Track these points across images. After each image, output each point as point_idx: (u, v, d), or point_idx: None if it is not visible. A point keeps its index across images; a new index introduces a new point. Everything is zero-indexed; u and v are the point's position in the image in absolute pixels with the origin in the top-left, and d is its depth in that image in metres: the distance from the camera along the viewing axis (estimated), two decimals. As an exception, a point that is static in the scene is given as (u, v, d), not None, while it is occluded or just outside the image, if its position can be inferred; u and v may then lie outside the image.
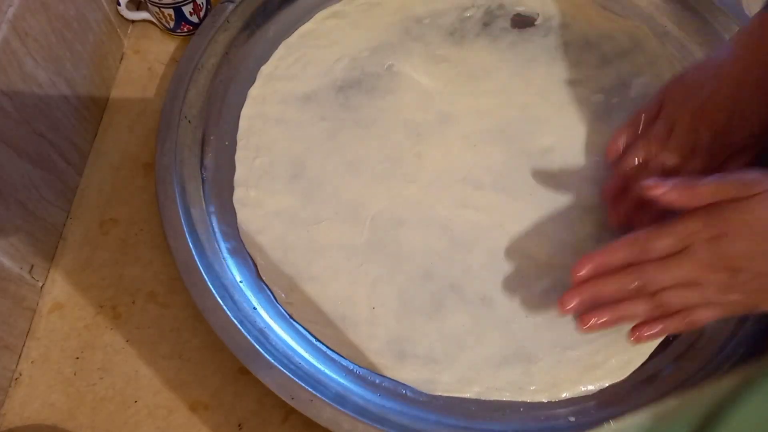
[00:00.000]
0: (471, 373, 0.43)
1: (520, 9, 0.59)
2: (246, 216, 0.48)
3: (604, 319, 0.40)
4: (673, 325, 0.40)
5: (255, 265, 0.46)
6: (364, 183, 0.49)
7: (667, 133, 0.45)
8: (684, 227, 0.38)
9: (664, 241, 0.38)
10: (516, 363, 0.43)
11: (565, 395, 0.42)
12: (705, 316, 0.39)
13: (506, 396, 0.42)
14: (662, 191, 0.38)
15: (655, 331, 0.40)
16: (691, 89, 0.45)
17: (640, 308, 0.39)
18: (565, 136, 0.52)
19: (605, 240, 0.47)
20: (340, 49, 0.56)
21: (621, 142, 0.48)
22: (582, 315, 0.40)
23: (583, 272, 0.40)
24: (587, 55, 0.56)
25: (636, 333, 0.40)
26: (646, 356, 0.43)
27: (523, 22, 0.59)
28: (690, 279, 0.38)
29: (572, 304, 0.40)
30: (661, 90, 0.47)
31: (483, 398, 0.42)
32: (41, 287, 0.46)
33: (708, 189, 0.37)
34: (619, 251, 0.40)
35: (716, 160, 0.44)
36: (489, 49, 0.57)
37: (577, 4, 0.59)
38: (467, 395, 0.42)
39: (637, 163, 0.46)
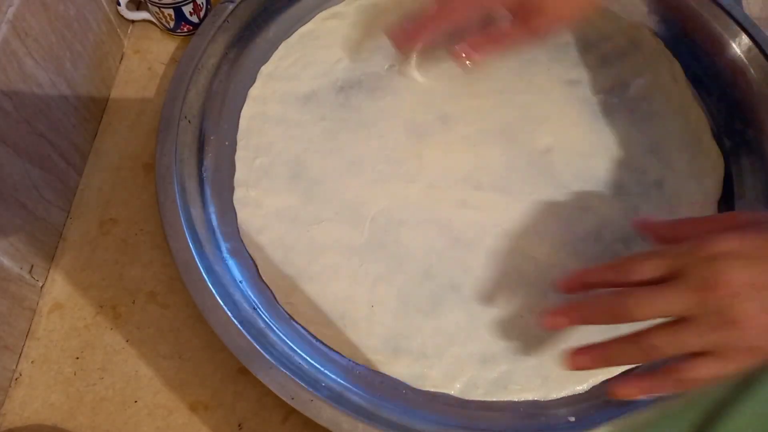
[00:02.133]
0: (455, 369, 0.43)
1: (520, 9, 0.59)
2: (246, 216, 0.48)
3: (591, 361, 0.35)
4: (662, 384, 0.33)
5: (255, 265, 0.46)
6: (365, 183, 0.49)
7: None
8: (676, 249, 0.33)
9: (650, 262, 0.33)
10: (502, 361, 0.43)
11: (553, 395, 0.42)
12: (704, 371, 0.31)
13: (488, 396, 0.42)
14: None
15: (637, 389, 0.34)
16: None
17: (627, 352, 0.33)
18: (565, 136, 0.52)
19: (605, 239, 0.47)
20: (341, 50, 0.56)
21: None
22: (571, 355, 0.36)
23: (563, 285, 0.38)
24: (587, 56, 0.56)
25: (613, 388, 0.35)
26: None
27: (523, 22, 0.59)
28: (681, 311, 0.31)
29: (549, 323, 0.37)
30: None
31: (466, 397, 0.42)
32: (41, 287, 0.46)
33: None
34: (600, 272, 0.36)
35: None
36: (489, 50, 0.57)
37: (577, 5, 0.59)
38: (451, 392, 0.42)
39: None
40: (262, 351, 0.40)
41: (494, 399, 0.42)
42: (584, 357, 0.35)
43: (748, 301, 0.29)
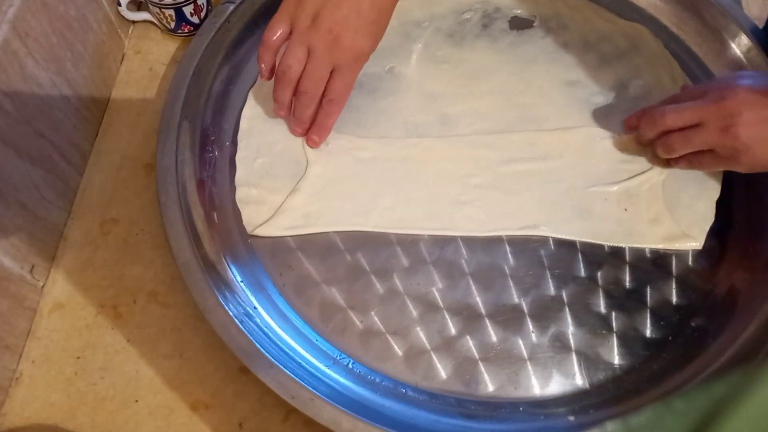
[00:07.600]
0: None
1: (517, 12, 0.59)
2: (247, 216, 0.48)
3: (637, 120, 0.50)
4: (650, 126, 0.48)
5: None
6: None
7: None
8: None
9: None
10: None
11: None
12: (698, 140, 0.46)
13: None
14: None
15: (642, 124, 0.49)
16: None
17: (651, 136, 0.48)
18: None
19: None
20: (341, 50, 0.56)
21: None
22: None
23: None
24: (586, 56, 0.56)
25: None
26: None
27: (521, 23, 0.59)
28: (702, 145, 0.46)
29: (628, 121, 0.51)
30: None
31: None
32: (42, 287, 0.46)
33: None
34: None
35: None
36: (489, 50, 0.57)
37: (575, 6, 0.60)
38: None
39: None
40: (262, 350, 0.40)
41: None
42: (633, 118, 0.51)
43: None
